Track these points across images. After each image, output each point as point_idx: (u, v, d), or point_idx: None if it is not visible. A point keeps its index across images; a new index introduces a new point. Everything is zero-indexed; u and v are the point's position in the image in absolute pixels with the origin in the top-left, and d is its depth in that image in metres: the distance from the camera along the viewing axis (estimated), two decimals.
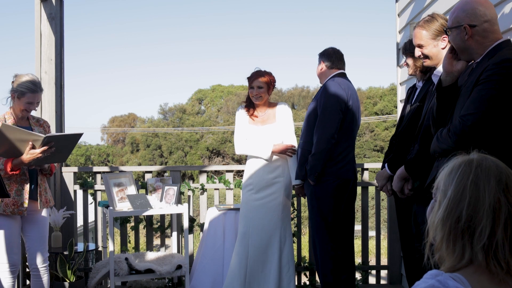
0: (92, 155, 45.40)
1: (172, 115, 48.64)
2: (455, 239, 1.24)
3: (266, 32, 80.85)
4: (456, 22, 2.34)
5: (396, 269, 4.89)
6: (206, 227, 4.57)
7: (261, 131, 4.19)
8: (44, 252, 3.75)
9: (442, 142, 2.30)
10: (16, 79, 3.56)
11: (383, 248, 5.40)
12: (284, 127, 4.19)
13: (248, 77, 4.19)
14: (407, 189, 2.96)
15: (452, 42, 2.41)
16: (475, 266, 1.22)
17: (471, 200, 1.23)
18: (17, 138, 3.32)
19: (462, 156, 1.32)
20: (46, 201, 3.70)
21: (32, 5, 4.73)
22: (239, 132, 4.24)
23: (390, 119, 39.74)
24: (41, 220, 3.70)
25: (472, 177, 1.25)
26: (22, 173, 3.56)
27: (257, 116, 4.22)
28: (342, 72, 3.94)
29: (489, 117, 2.16)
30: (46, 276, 3.77)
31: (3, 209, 3.51)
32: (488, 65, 2.22)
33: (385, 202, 5.83)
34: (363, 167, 4.93)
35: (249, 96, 4.22)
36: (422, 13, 4.15)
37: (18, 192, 3.55)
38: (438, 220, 1.26)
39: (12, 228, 3.56)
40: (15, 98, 3.55)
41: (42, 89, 3.62)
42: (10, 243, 3.56)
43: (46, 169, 3.66)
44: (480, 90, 2.19)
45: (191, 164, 39.43)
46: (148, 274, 4.29)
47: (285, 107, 4.29)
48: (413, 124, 3.09)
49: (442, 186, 1.29)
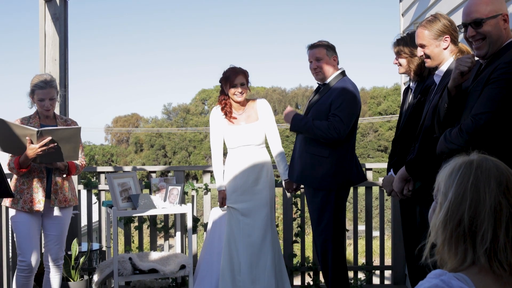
0: (96, 155, 45.52)
1: (176, 115, 48.72)
2: (456, 242, 1.23)
3: (266, 32, 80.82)
4: (495, 11, 2.29)
5: (400, 269, 4.88)
6: (210, 227, 4.56)
7: (246, 130, 4.10)
8: (59, 251, 3.78)
9: (451, 142, 2.28)
10: (31, 81, 3.67)
11: (387, 248, 5.37)
12: (268, 124, 4.15)
13: (226, 76, 4.05)
14: (407, 190, 2.94)
15: (490, 33, 2.29)
16: (478, 267, 1.22)
17: (471, 203, 1.22)
18: (20, 133, 3.37)
19: (462, 157, 1.31)
20: (65, 200, 3.71)
21: (36, 6, 4.74)
22: (215, 140, 4.17)
23: (394, 119, 39.68)
24: (59, 219, 3.73)
25: (472, 179, 1.24)
26: (39, 171, 3.61)
27: (236, 118, 4.12)
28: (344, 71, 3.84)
29: (501, 115, 2.16)
30: (58, 275, 3.80)
31: (22, 206, 3.56)
32: (500, 63, 2.20)
33: (389, 202, 5.82)
34: (366, 167, 4.92)
35: (222, 96, 4.13)
36: (426, 12, 4.14)
37: (35, 190, 3.59)
38: (439, 222, 1.26)
39: (31, 225, 3.60)
40: (32, 99, 3.68)
41: (53, 86, 3.66)
42: (28, 242, 3.59)
43: (62, 168, 3.67)
44: (492, 89, 2.18)
45: (195, 164, 39.47)
46: (151, 274, 4.30)
47: (265, 103, 4.24)
48: (412, 125, 3.08)
49: (443, 188, 1.28)
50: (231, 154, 4.18)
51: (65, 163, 3.68)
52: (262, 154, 4.14)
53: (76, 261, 4.46)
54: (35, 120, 3.68)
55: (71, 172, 3.75)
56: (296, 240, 4.89)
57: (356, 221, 4.94)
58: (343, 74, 3.79)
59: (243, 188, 4.09)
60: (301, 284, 4.90)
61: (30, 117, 3.70)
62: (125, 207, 4.29)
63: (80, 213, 4.95)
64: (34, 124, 3.65)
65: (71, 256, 4.41)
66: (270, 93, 47.79)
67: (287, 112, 3.85)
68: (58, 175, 3.70)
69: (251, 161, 4.10)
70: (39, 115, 3.71)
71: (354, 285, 4.76)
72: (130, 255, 4.39)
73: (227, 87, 4.05)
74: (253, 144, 4.12)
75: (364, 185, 4.84)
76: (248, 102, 4.18)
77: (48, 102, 3.64)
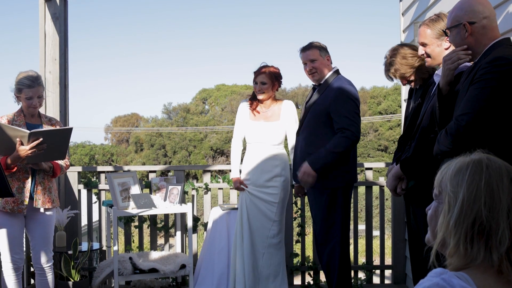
0: (96, 154, 45.49)
1: (176, 115, 48.68)
2: (472, 241, 1.20)
3: (267, 31, 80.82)
4: (455, 21, 2.36)
5: (400, 268, 4.88)
6: (210, 226, 4.57)
7: (264, 128, 4.17)
8: (48, 252, 3.74)
9: (441, 143, 2.31)
10: (16, 78, 3.59)
11: (387, 248, 5.38)
12: (288, 126, 4.18)
13: (254, 72, 4.18)
14: (400, 188, 2.95)
15: (452, 43, 2.42)
16: (484, 266, 1.20)
17: (486, 201, 1.20)
18: (10, 134, 3.32)
19: (467, 156, 1.29)
20: (49, 201, 3.64)
21: (36, 5, 4.73)
22: (237, 131, 4.33)
23: (394, 118, 39.68)
24: (45, 220, 3.68)
25: (485, 177, 1.22)
26: (24, 171, 3.55)
27: (259, 112, 4.20)
28: (338, 70, 3.82)
29: (483, 116, 2.16)
30: (50, 275, 3.77)
31: (3, 206, 3.49)
32: (482, 63, 2.22)
33: (389, 201, 5.82)
34: (366, 167, 4.92)
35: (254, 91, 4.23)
36: (426, 12, 4.14)
37: (19, 189, 3.53)
38: (452, 223, 1.22)
39: (14, 226, 3.55)
40: (17, 97, 3.60)
41: (40, 83, 3.58)
42: (12, 241, 3.55)
43: (47, 169, 3.61)
44: (474, 90, 2.19)
45: (195, 163, 39.47)
46: (152, 273, 4.30)
47: (291, 105, 4.26)
48: (412, 124, 3.08)
49: (450, 187, 1.25)
50: (248, 149, 4.28)
51: (50, 164, 3.61)
52: (277, 154, 4.16)
53: (76, 260, 4.46)
54: (20, 119, 3.60)
55: (56, 173, 3.68)
56: (298, 239, 4.89)
57: (356, 220, 4.94)
58: (337, 72, 3.80)
59: (256, 184, 4.16)
60: (301, 283, 4.90)
61: (14, 115, 3.62)
62: (125, 206, 4.29)
63: (80, 212, 4.95)
64: (19, 122, 3.57)
65: (71, 256, 4.41)
66: None
67: (301, 173, 3.64)
68: (43, 176, 3.63)
69: (265, 159, 4.14)
70: (24, 113, 3.63)
71: (354, 284, 4.75)
72: (130, 254, 4.39)
73: (253, 82, 4.19)
74: (269, 143, 4.16)
75: (364, 185, 4.83)
76: (276, 101, 4.24)
77: (36, 100, 3.57)
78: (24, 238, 3.68)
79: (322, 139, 3.66)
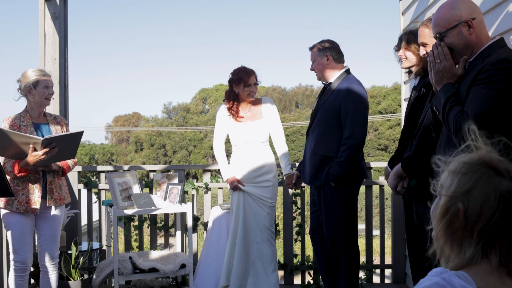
0: (96, 154, 45.53)
1: (176, 114, 48.72)
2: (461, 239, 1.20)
3: (266, 31, 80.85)
4: (454, 21, 2.28)
5: (400, 268, 4.88)
6: (210, 226, 4.57)
7: (251, 127, 4.20)
8: (54, 250, 3.77)
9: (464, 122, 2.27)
10: (22, 76, 3.62)
11: (387, 247, 5.38)
12: (272, 123, 4.24)
13: (239, 77, 4.14)
14: (401, 187, 2.95)
15: (452, 44, 2.31)
16: (484, 265, 1.20)
17: (480, 198, 1.19)
18: (20, 141, 3.36)
19: (466, 154, 1.30)
20: (60, 198, 3.71)
21: (36, 5, 4.73)
22: (218, 134, 4.32)
23: (394, 117, 39.70)
24: (54, 218, 3.72)
25: (479, 174, 1.22)
26: (35, 172, 3.59)
27: (242, 116, 4.23)
28: (349, 69, 3.85)
29: (490, 117, 2.14)
30: (54, 274, 3.79)
31: (16, 207, 3.54)
32: (485, 65, 2.18)
33: (389, 201, 5.82)
34: (367, 166, 4.91)
35: (231, 95, 4.22)
36: (426, 11, 4.14)
37: (31, 190, 3.58)
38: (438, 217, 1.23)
39: (24, 226, 3.58)
40: (32, 91, 3.58)
41: (50, 75, 3.73)
42: (21, 241, 3.58)
43: (56, 170, 3.67)
44: (480, 90, 2.15)
45: (195, 163, 39.48)
46: (152, 273, 4.30)
47: (271, 101, 4.36)
48: (411, 123, 3.08)
49: (448, 184, 1.25)
50: (235, 151, 4.27)
51: (59, 164, 3.67)
52: (265, 151, 4.24)
53: (76, 260, 4.46)
54: (26, 119, 3.61)
55: (65, 172, 3.75)
56: (297, 238, 4.89)
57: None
58: (347, 72, 3.81)
59: (251, 181, 4.19)
60: (301, 283, 4.90)
61: (20, 115, 3.63)
62: (125, 206, 4.29)
63: (80, 212, 4.95)
64: (26, 123, 3.60)
65: (71, 256, 4.41)
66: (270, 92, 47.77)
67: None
68: (53, 175, 3.69)
69: (255, 157, 4.20)
70: (29, 113, 3.65)
71: None
72: (130, 254, 4.39)
73: (240, 87, 4.15)
74: (257, 141, 4.22)
75: (364, 184, 4.83)
76: (254, 101, 4.26)
77: (52, 90, 3.67)
78: (32, 238, 3.70)
79: (330, 140, 3.72)
